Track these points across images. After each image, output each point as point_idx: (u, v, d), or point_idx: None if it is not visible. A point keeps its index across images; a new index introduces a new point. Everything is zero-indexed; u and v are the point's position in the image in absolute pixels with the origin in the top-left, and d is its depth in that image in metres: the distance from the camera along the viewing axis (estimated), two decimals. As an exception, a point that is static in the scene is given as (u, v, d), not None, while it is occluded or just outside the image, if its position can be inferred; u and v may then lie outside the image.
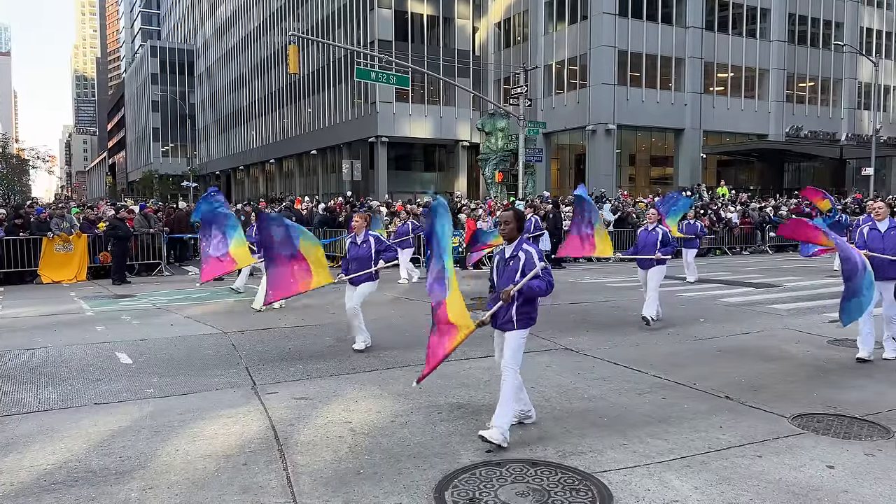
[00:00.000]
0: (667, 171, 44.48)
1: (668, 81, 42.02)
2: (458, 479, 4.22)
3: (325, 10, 53.30)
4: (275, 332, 9.04)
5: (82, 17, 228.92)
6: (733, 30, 44.04)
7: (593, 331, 9.05)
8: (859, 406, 5.67)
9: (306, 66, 53.77)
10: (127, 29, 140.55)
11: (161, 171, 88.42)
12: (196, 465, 4.47)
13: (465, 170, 49.78)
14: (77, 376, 6.75)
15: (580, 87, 41.54)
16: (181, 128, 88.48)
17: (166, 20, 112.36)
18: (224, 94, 79.59)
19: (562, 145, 45.44)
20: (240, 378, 6.68)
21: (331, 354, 7.69)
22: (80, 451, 4.70)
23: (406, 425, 5.23)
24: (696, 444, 4.80)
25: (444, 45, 48.14)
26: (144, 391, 6.23)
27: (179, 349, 8.00)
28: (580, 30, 41.11)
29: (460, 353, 7.72)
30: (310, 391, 6.18)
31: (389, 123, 46.24)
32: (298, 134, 59.12)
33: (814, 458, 4.55)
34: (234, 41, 74.70)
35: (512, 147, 31.89)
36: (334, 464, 4.49)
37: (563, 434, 5.03)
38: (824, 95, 47.97)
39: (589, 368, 6.99)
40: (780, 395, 6.01)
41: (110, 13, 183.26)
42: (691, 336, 8.74)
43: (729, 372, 6.83)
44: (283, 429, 5.16)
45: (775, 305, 11.14)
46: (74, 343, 8.28)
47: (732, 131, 44.30)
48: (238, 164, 76.46)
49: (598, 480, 4.18)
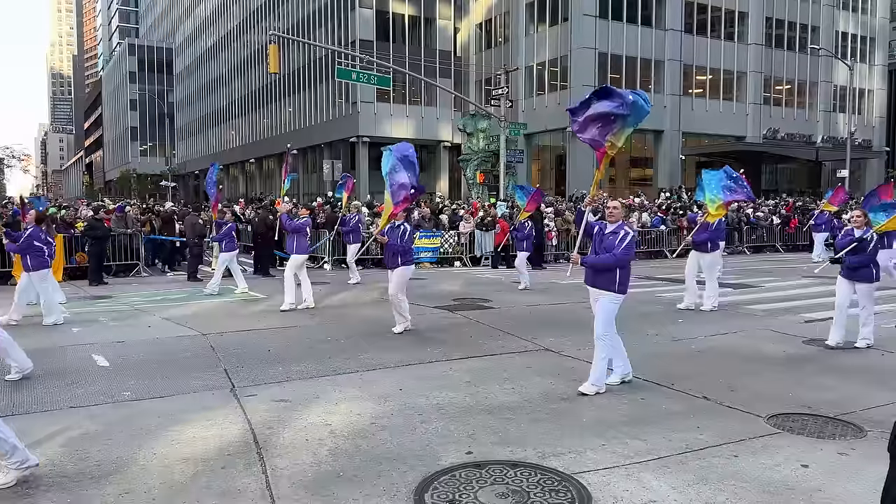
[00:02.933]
0: (646, 172, 44.84)
1: (648, 83, 42.34)
2: (437, 480, 4.22)
3: (306, 10, 53.04)
4: (254, 334, 8.98)
5: (58, 14, 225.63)
6: (712, 33, 44.51)
7: (573, 331, 9.08)
8: (833, 406, 5.75)
9: (287, 65, 53.48)
10: (104, 26, 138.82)
11: (139, 171, 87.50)
12: (174, 469, 4.43)
13: (447, 170, 49.79)
14: (52, 379, 6.66)
15: (561, 88, 41.74)
16: (159, 127, 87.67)
17: (144, 18, 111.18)
18: (203, 94, 78.91)
19: (543, 146, 45.63)
20: (218, 380, 6.63)
21: (311, 356, 7.66)
22: (54, 456, 4.64)
23: (386, 427, 5.23)
24: (674, 445, 4.84)
25: (425, 46, 48.11)
26: (121, 394, 6.16)
27: (157, 351, 7.92)
28: (561, 31, 41.32)
29: (441, 354, 7.74)
30: (289, 393, 6.15)
31: (371, 123, 46.13)
32: (279, 134, 58.77)
33: (789, 457, 4.62)
34: (213, 40, 74.08)
35: (493, 148, 31.92)
36: (314, 466, 4.47)
37: (543, 435, 5.05)
38: (801, 98, 48.64)
39: (568, 369, 7.02)
40: (756, 395, 6.09)
41: (87, 10, 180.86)
42: (669, 336, 8.82)
43: (706, 372, 6.91)
44: (263, 431, 5.13)
45: (752, 306, 11.28)
46: (49, 345, 8.16)
47: (711, 133, 44.78)
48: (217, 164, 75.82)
49: (577, 481, 4.21)
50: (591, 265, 6.24)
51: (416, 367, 7.17)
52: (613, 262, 6.07)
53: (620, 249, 6.05)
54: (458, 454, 4.67)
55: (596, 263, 6.19)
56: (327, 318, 10.20)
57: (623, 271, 6.17)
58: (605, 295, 6.19)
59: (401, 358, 7.54)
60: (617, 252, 6.05)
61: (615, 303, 6.22)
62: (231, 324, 9.70)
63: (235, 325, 9.62)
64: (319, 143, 51.38)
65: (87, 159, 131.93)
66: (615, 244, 6.09)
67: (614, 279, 6.14)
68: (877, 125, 52.71)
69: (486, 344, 8.33)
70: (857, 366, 7.16)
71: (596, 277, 6.23)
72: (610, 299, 6.19)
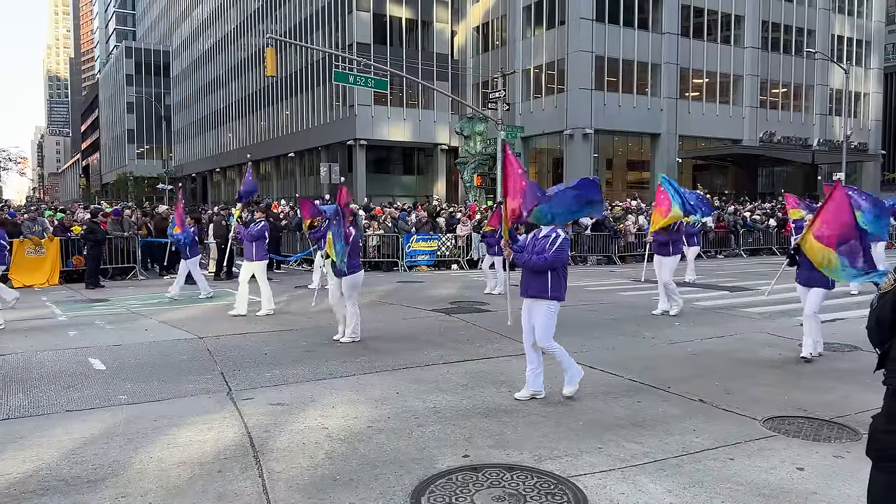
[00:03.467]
0: (643, 175, 44.93)
1: (645, 86, 42.48)
2: (434, 484, 4.23)
3: (304, 13, 53.10)
4: (251, 337, 8.97)
5: (55, 17, 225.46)
6: (708, 36, 44.65)
7: (569, 334, 9.08)
8: (829, 408, 5.78)
9: (284, 68, 53.52)
10: (101, 29, 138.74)
11: (136, 174, 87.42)
12: (170, 472, 4.43)
13: (444, 173, 49.85)
14: (48, 383, 6.65)
15: (558, 91, 41.83)
16: (156, 129, 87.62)
17: (141, 21, 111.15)
18: (200, 96, 78.91)
19: (540, 149, 45.71)
20: (215, 384, 6.62)
21: (308, 359, 7.66)
22: (51, 460, 4.63)
23: (383, 431, 5.23)
24: (670, 448, 4.85)
25: (422, 49, 48.19)
26: (118, 397, 6.15)
27: (154, 354, 7.91)
28: (558, 35, 41.42)
29: (437, 357, 7.75)
30: (286, 397, 6.15)
31: (368, 126, 46.17)
32: (276, 136, 58.80)
33: (784, 460, 4.63)
34: (210, 43, 74.12)
35: (490, 151, 31.98)
36: (310, 470, 4.47)
37: (539, 438, 5.06)
38: (797, 101, 48.81)
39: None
40: (752, 398, 6.10)
41: (84, 13, 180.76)
42: (666, 339, 8.84)
43: (702, 375, 6.92)
44: (259, 435, 5.13)
45: (749, 309, 11.30)
46: (46, 349, 8.14)
47: (707, 136, 44.90)
48: (214, 167, 75.83)
49: (573, 484, 4.22)
50: (522, 263, 5.99)
51: (412, 370, 7.18)
52: (543, 265, 5.86)
53: (552, 252, 5.86)
54: (455, 457, 4.67)
55: (527, 263, 5.93)
56: (324, 322, 10.19)
57: (556, 276, 5.94)
58: (541, 303, 5.98)
59: (397, 361, 7.55)
60: (548, 255, 5.86)
61: (553, 310, 6.00)
62: (227, 327, 9.69)
63: (232, 328, 9.61)
64: (317, 145, 51.41)
65: (84, 162, 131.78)
66: (545, 247, 5.91)
67: (547, 285, 5.93)
68: (873, 128, 52.90)
69: (482, 347, 8.34)
70: (852, 369, 7.18)
71: (530, 285, 6.00)
72: (546, 307, 5.98)
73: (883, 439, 3.15)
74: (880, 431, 3.19)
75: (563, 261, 6.00)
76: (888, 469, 3.16)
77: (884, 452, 3.16)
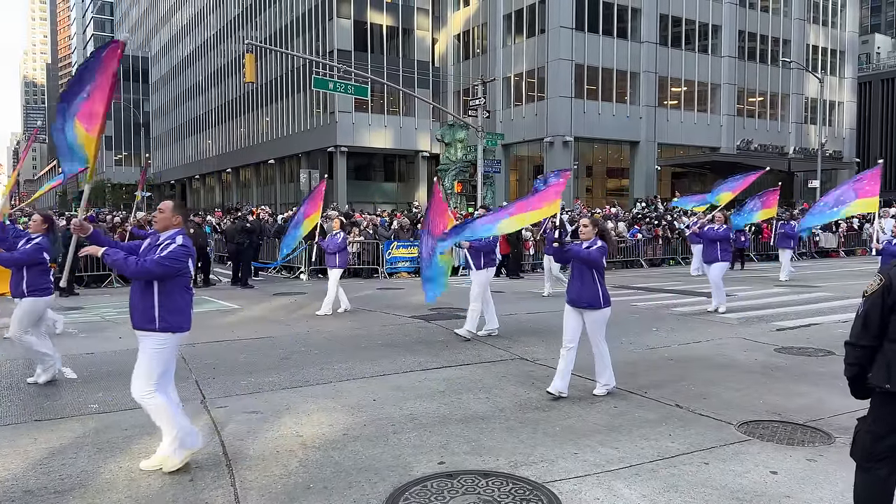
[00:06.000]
0: (623, 182, 45.24)
1: (624, 95, 42.81)
2: (409, 491, 4.19)
3: (284, 20, 52.91)
4: (227, 345, 8.87)
5: (32, 23, 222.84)
6: (686, 45, 45.14)
7: (549, 341, 9.10)
8: (803, 412, 5.82)
9: (264, 75, 53.27)
10: (79, 35, 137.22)
11: (114, 180, 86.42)
12: (140, 482, 4.35)
13: (425, 180, 49.76)
14: (18, 392, 6.52)
15: (538, 99, 42.04)
16: (135, 136, 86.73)
17: (120, 27, 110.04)
18: (179, 103, 78.25)
19: (520, 156, 45.87)
20: (189, 392, 6.52)
21: (283, 367, 7.58)
22: (17, 470, 4.53)
23: (358, 438, 5.18)
24: (646, 453, 4.86)
25: (403, 56, 48.21)
26: (88, 406, 6.05)
27: (127, 363, 7.71)
28: (538, 43, 41.66)
29: (416, 364, 7.71)
30: (261, 405, 6.08)
31: (349, 133, 46.04)
32: (256, 143, 58.42)
33: (758, 464, 4.65)
34: (190, 49, 73.57)
35: (471, 158, 32.02)
36: (283, 478, 4.41)
37: (515, 444, 5.04)
38: (773, 110, 49.46)
39: (543, 378, 7.01)
40: (727, 402, 6.13)
41: (62, 19, 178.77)
42: (644, 345, 8.87)
43: (679, 380, 6.95)
44: (232, 443, 5.06)
45: (726, 314, 11.38)
46: (16, 357, 7.98)
47: (686, 144, 45.32)
48: (194, 174, 75.14)
49: (548, 490, 4.20)
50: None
51: (390, 377, 7.13)
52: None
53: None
54: (431, 464, 4.64)
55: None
56: (302, 329, 10.11)
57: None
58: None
59: (375, 368, 7.50)
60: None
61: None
62: (204, 335, 9.56)
63: (208, 335, 9.49)
64: (297, 152, 51.15)
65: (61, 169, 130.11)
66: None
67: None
68: (847, 136, 53.73)
69: (460, 353, 8.31)
70: (827, 373, 7.24)
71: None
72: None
73: (866, 440, 3.21)
74: (864, 433, 3.24)
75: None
76: (871, 469, 3.21)
77: (867, 453, 3.21)
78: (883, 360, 3.16)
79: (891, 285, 3.13)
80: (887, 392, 3.14)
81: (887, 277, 3.17)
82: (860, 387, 3.30)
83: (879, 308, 3.15)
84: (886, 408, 3.18)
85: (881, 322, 3.16)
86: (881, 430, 3.18)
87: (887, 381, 3.12)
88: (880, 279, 3.19)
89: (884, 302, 3.14)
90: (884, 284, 3.16)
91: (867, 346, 3.21)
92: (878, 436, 3.18)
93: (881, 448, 3.17)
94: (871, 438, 3.20)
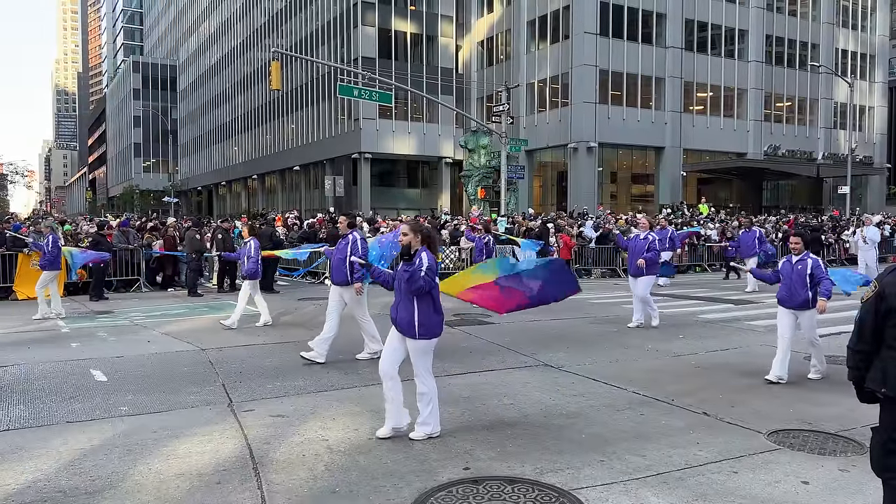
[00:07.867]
0: (648, 188, 44.94)
1: (649, 100, 42.56)
2: (434, 496, 4.19)
3: (310, 28, 53.48)
4: (253, 350, 8.96)
5: (64, 33, 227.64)
6: (712, 50, 44.78)
7: (573, 347, 9.06)
8: (834, 421, 5.72)
9: (290, 82, 53.84)
10: (109, 44, 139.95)
11: (142, 187, 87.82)
12: (169, 484, 4.40)
13: (449, 186, 49.91)
14: (50, 394, 6.64)
15: (562, 105, 41.95)
16: (163, 143, 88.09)
17: (149, 36, 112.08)
18: (207, 110, 79.37)
19: (544, 162, 45.79)
20: (216, 395, 6.60)
21: (309, 371, 7.63)
22: (49, 471, 4.61)
23: (383, 443, 5.20)
24: (674, 461, 4.80)
25: (427, 63, 48.43)
26: (118, 409, 6.14)
27: (155, 366, 7.90)
28: (562, 49, 41.59)
29: (440, 369, 7.69)
30: (287, 409, 6.12)
31: (373, 140, 46.32)
32: (281, 150, 59.03)
33: (789, 473, 4.57)
34: (217, 57, 74.63)
35: (494, 164, 32.05)
36: (310, 482, 4.44)
37: (541, 451, 5.01)
38: (801, 115, 48.82)
39: (568, 385, 6.99)
40: (756, 410, 6.05)
41: (92, 28, 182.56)
42: (669, 352, 8.79)
43: (706, 388, 6.87)
44: (259, 447, 5.10)
45: (753, 322, 11.24)
46: (48, 360, 8.14)
47: (712, 150, 44.92)
48: (220, 180, 76.13)
49: (574, 497, 4.17)
50: None
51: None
52: None
53: None
54: (456, 470, 4.63)
55: None
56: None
57: None
58: None
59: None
60: None
61: None
62: (230, 339, 9.68)
63: (234, 340, 9.60)
64: (321, 159, 51.59)
65: (91, 175, 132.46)
66: None
67: None
68: (877, 142, 52.84)
69: (485, 359, 8.30)
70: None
71: None
72: None
73: (877, 451, 3.20)
74: (875, 444, 3.24)
75: None
76: (888, 481, 3.18)
77: (880, 464, 3.20)
78: (879, 364, 3.20)
79: (883, 292, 3.17)
80: (888, 398, 3.16)
81: (880, 285, 3.21)
82: (863, 390, 3.35)
83: (873, 314, 3.20)
84: (889, 414, 3.19)
85: (875, 327, 3.20)
86: (886, 438, 3.18)
87: (883, 385, 3.16)
88: (874, 286, 3.23)
89: (877, 308, 3.19)
90: (877, 292, 3.20)
91: (864, 350, 3.26)
92: (889, 449, 3.17)
93: (893, 461, 3.16)
94: (882, 450, 3.20)
